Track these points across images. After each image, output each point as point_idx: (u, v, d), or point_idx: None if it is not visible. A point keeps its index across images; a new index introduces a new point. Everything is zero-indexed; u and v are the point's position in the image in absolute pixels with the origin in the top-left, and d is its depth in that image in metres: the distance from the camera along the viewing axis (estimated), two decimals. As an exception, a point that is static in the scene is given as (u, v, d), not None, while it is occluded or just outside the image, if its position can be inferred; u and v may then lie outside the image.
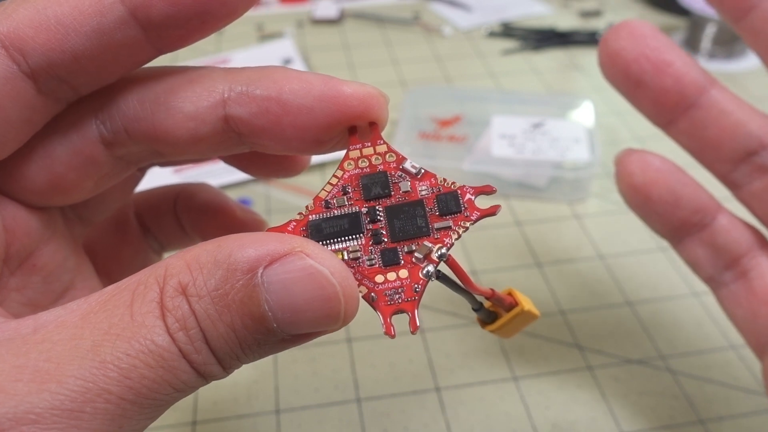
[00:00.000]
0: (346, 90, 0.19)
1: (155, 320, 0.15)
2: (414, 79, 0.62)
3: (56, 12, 0.17)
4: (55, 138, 0.20)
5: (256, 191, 0.48)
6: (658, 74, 0.26)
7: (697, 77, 0.27)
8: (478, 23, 0.71)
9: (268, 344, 0.17)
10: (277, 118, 0.19)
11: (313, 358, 0.36)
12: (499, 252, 0.43)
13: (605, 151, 0.52)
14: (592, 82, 0.61)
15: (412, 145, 0.50)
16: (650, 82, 0.27)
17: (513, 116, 0.51)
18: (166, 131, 0.20)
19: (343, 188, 0.19)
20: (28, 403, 0.14)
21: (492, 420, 0.33)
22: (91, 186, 0.21)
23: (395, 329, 0.17)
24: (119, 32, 0.18)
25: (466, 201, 0.18)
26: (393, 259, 0.18)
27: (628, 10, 0.74)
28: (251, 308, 0.16)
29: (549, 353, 0.36)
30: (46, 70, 0.18)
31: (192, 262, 0.16)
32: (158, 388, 0.15)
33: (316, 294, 0.16)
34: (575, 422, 0.33)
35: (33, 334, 0.15)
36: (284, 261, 0.16)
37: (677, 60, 0.26)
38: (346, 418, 0.33)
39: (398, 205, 0.19)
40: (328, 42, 0.69)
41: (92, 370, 0.15)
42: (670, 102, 0.27)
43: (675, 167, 0.28)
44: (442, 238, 0.18)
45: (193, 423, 0.33)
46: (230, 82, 0.19)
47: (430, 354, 0.36)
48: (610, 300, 0.40)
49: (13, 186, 0.20)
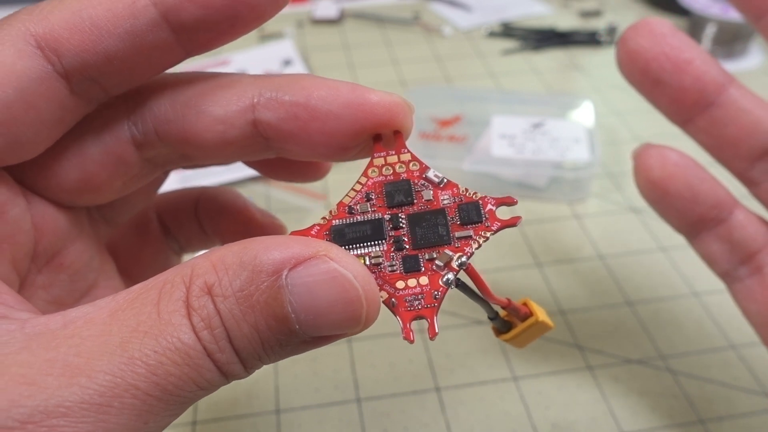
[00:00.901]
0: (373, 98, 0.19)
1: (182, 319, 0.16)
2: (414, 79, 0.62)
3: (91, 14, 0.18)
4: (88, 137, 0.20)
5: (256, 191, 0.48)
6: (677, 73, 0.27)
7: (717, 75, 0.27)
8: (478, 23, 0.71)
9: (290, 345, 0.17)
10: (304, 124, 0.20)
11: (313, 358, 0.36)
12: (499, 252, 0.43)
13: (605, 151, 0.52)
14: (592, 82, 0.61)
15: (413, 145, 0.50)
16: (669, 80, 0.27)
17: (513, 116, 0.51)
18: (195, 134, 0.20)
19: (366, 195, 0.19)
20: (59, 396, 0.14)
21: (492, 420, 0.33)
22: (120, 186, 0.21)
23: (414, 334, 0.18)
24: (151, 34, 0.18)
25: (488, 211, 0.19)
26: (414, 265, 0.18)
27: (628, 10, 0.74)
28: (275, 309, 0.16)
29: (549, 353, 0.36)
30: (79, 70, 0.18)
31: (218, 263, 0.16)
32: (183, 385, 0.16)
33: (339, 297, 0.16)
34: (575, 422, 0.33)
35: (62, 329, 0.16)
36: (308, 264, 0.16)
37: (697, 58, 0.27)
38: (346, 418, 0.33)
39: (420, 213, 0.19)
40: (328, 42, 0.69)
41: (121, 366, 0.15)
42: (690, 100, 0.27)
43: (693, 162, 0.28)
44: (463, 247, 0.18)
45: (193, 423, 0.33)
46: (260, 87, 0.20)
47: (430, 354, 0.36)
48: (610, 300, 0.40)
49: (45, 184, 0.20)
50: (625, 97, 0.59)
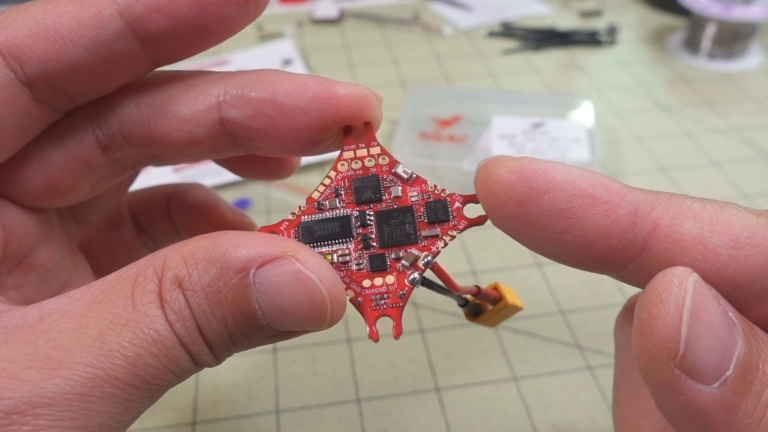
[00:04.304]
0: (340, 91, 0.19)
1: (156, 310, 0.16)
2: (414, 79, 0.62)
3: (55, 23, 0.17)
4: (52, 142, 0.20)
5: (256, 191, 0.48)
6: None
7: None
8: (478, 23, 0.71)
9: (257, 338, 0.17)
10: (272, 120, 0.19)
11: (313, 358, 0.36)
12: (499, 252, 0.43)
13: (605, 151, 0.52)
14: (592, 82, 0.61)
15: (412, 145, 0.50)
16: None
17: (513, 116, 0.51)
18: (162, 134, 0.20)
19: (335, 190, 0.19)
20: (41, 388, 0.15)
21: (492, 420, 0.33)
22: (88, 189, 0.21)
23: (379, 333, 0.18)
24: (117, 44, 0.18)
25: (455, 209, 0.19)
26: (381, 264, 0.18)
27: (628, 10, 0.74)
28: (242, 306, 0.16)
29: (549, 353, 0.36)
30: (42, 79, 0.18)
31: (188, 257, 0.16)
32: (160, 374, 0.16)
33: (303, 298, 0.16)
34: (575, 422, 0.33)
35: (39, 322, 0.16)
36: (276, 264, 0.16)
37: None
38: (346, 418, 0.33)
39: (388, 210, 0.19)
40: (328, 42, 0.69)
41: (100, 358, 0.15)
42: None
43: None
44: (429, 246, 0.18)
45: (193, 423, 0.33)
46: (225, 85, 0.20)
47: (430, 354, 0.36)
48: (610, 300, 0.40)
49: (10, 189, 0.20)
50: (625, 97, 0.59)
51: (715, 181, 0.49)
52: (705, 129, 0.54)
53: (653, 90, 0.60)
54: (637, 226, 0.15)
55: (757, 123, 0.55)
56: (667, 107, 0.57)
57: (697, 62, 0.64)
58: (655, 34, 0.69)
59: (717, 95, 0.59)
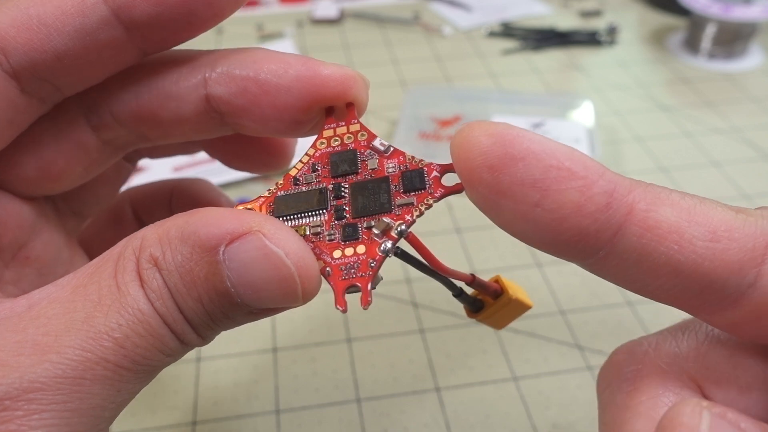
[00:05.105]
0: (324, 71, 0.19)
1: (138, 289, 0.16)
2: (414, 79, 0.62)
3: (39, 12, 0.17)
4: (43, 124, 0.20)
5: (256, 191, 0.48)
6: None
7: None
8: (478, 23, 0.71)
9: (237, 316, 0.17)
10: (255, 98, 0.19)
11: (313, 358, 0.36)
12: (499, 252, 0.43)
13: (605, 151, 0.52)
14: (592, 82, 0.61)
15: (412, 144, 0.50)
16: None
17: (513, 116, 0.51)
18: (150, 111, 0.20)
19: (312, 166, 0.19)
20: (32, 373, 0.15)
21: (492, 420, 0.33)
22: (81, 172, 0.21)
23: (348, 304, 0.17)
24: (102, 33, 0.18)
25: (432, 178, 0.18)
26: (352, 234, 0.18)
27: (628, 10, 0.74)
28: (215, 284, 0.16)
29: (549, 353, 0.36)
30: (28, 69, 0.18)
31: (163, 236, 0.16)
32: (150, 354, 0.16)
33: (272, 274, 0.16)
34: (575, 422, 0.33)
35: (28, 311, 0.16)
36: (243, 240, 0.16)
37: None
38: (346, 418, 0.33)
39: (363, 181, 0.18)
40: (328, 42, 0.69)
41: (88, 341, 0.15)
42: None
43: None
44: (404, 215, 0.18)
45: (193, 423, 0.33)
46: (213, 62, 0.20)
47: (430, 354, 0.36)
48: (610, 300, 0.40)
49: (3, 176, 0.20)
50: (625, 97, 0.59)
51: (715, 181, 0.49)
52: (705, 129, 0.54)
53: (653, 90, 0.60)
54: (612, 207, 0.14)
55: (757, 123, 0.55)
56: (667, 107, 0.57)
57: (697, 62, 0.64)
58: (655, 34, 0.69)
59: (717, 95, 0.59)
